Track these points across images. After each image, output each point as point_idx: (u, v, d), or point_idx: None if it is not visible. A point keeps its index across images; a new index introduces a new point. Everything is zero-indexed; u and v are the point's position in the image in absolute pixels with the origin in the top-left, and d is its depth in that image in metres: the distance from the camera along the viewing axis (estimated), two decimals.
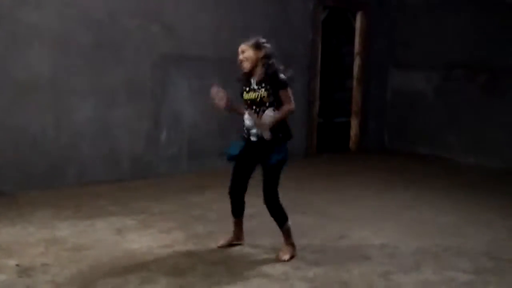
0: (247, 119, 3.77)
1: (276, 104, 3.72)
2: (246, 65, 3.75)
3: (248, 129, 3.79)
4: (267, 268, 3.63)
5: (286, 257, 3.78)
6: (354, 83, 8.33)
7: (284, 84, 3.71)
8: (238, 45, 3.75)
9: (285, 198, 3.90)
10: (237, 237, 4.05)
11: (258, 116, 3.69)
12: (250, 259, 3.80)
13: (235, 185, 3.89)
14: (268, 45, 3.78)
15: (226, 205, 4.03)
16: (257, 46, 3.75)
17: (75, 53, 5.55)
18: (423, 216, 4.99)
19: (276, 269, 3.61)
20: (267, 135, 3.67)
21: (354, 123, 8.37)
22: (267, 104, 3.71)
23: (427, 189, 5.99)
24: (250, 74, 3.79)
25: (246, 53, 3.76)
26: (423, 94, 8.14)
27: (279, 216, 3.83)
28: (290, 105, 3.72)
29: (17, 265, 3.56)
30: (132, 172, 6.02)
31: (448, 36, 7.76)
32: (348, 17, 8.46)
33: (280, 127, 3.75)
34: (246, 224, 4.10)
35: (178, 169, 6.36)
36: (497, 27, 7.22)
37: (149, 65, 6.07)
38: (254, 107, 3.73)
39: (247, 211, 4.04)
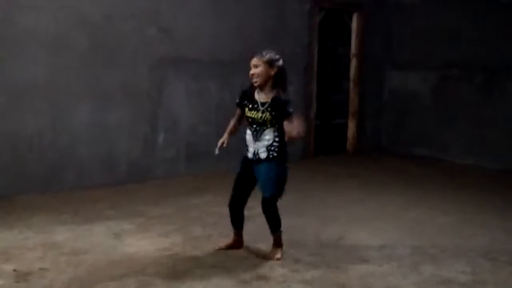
0: (248, 135, 3.75)
1: (278, 126, 3.67)
2: (258, 81, 3.66)
3: (247, 145, 3.78)
4: (266, 271, 3.63)
5: (279, 255, 3.83)
6: (351, 84, 8.33)
7: (290, 114, 3.62)
8: (235, 47, 3.73)
9: (282, 200, 3.90)
10: (237, 244, 4.03)
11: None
12: (248, 262, 3.80)
13: (235, 199, 3.88)
14: (281, 63, 3.69)
15: (224, 208, 4.02)
16: (271, 63, 3.65)
17: (71, 56, 5.55)
18: (421, 217, 4.99)
19: (275, 272, 3.61)
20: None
21: (351, 125, 8.37)
22: (269, 126, 3.67)
23: (424, 190, 6.00)
24: (258, 88, 3.70)
25: (259, 68, 3.64)
26: (420, 94, 8.15)
27: (274, 223, 3.86)
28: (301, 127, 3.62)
29: (14, 270, 3.55)
30: (129, 175, 6.01)
31: (444, 36, 7.76)
32: (345, 19, 8.47)
33: (278, 148, 3.71)
34: (245, 226, 4.08)
35: (176, 172, 6.35)
36: (493, 26, 7.23)
37: (146, 67, 6.06)
38: (254, 126, 3.70)
39: (246, 213, 4.03)
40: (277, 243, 3.89)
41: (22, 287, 3.32)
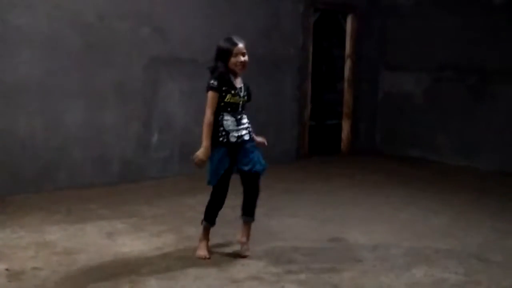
0: (229, 120, 3.74)
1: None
2: (245, 69, 3.76)
3: (228, 132, 3.74)
4: (259, 271, 3.62)
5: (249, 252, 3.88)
6: (345, 85, 8.35)
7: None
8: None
9: (276, 200, 3.91)
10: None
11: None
12: (242, 262, 3.79)
13: (225, 194, 3.83)
14: None
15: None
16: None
17: (64, 56, 5.53)
18: (414, 218, 5.00)
19: (268, 272, 3.61)
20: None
21: (346, 126, 8.39)
22: (244, 109, 3.82)
23: (418, 191, 6.01)
24: (233, 75, 3.74)
25: (246, 56, 3.74)
26: (413, 96, 8.17)
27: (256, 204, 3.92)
28: None
29: (6, 269, 3.53)
30: (123, 175, 6.00)
31: (438, 38, 7.79)
32: (339, 20, 8.49)
33: (251, 129, 3.89)
34: (237, 227, 4.07)
35: (170, 172, 6.34)
36: (486, 28, 7.26)
37: (140, 67, 6.05)
38: (239, 110, 3.78)
39: (238, 214, 4.02)
40: (248, 233, 3.91)
41: (15, 286, 3.30)
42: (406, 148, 8.20)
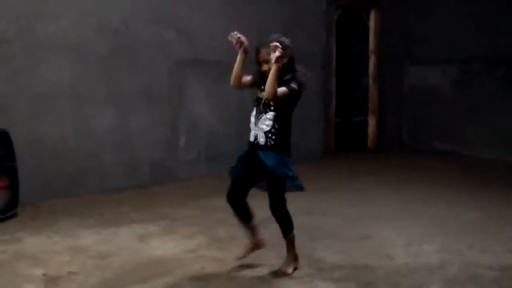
0: (252, 116, 3.53)
1: (281, 113, 3.44)
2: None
3: (250, 128, 3.55)
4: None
5: (290, 270, 3.55)
6: (370, 81, 8.31)
7: (287, 84, 3.44)
8: (253, 48, 3.76)
9: (304, 199, 3.90)
10: (256, 243, 3.70)
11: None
12: (273, 261, 3.79)
13: (233, 190, 3.58)
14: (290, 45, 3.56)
15: None
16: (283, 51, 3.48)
17: (92, 62, 5.60)
18: (445, 213, 4.95)
19: (301, 271, 3.60)
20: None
21: (371, 122, 8.35)
22: (272, 108, 3.43)
23: (447, 186, 5.95)
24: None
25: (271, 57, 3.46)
26: (440, 89, 8.09)
27: (285, 223, 3.56)
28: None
29: (44, 274, 3.60)
30: (152, 178, 6.06)
31: (463, 29, 7.69)
32: (362, 16, 8.44)
33: (277, 133, 3.44)
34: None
35: (198, 173, 6.39)
36: None
37: (166, 71, 6.11)
38: (260, 107, 3.48)
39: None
40: (291, 251, 3.58)
41: None
42: (433, 142, 8.12)
